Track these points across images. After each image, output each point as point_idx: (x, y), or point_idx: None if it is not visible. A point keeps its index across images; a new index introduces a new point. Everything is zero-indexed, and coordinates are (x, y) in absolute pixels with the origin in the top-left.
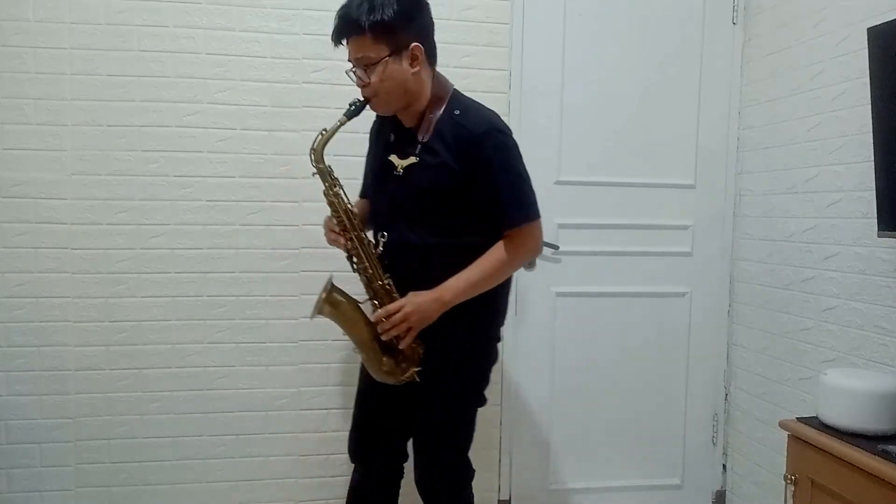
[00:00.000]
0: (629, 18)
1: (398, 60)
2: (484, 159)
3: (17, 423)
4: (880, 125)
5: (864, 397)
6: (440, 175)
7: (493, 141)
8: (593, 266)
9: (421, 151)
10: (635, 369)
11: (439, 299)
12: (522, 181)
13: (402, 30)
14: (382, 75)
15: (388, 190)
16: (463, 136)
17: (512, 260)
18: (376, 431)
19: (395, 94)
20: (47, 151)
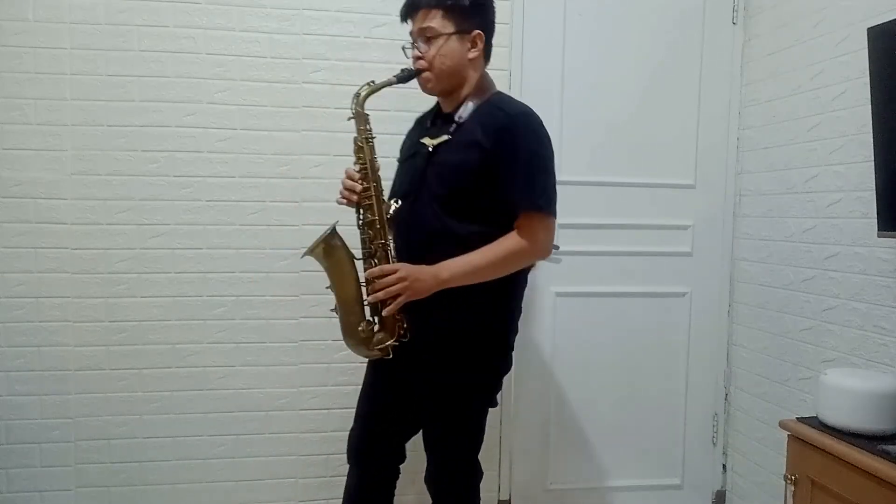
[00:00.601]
0: (629, 18)
1: (460, 41)
2: (514, 139)
3: (17, 423)
4: (880, 125)
5: (864, 397)
6: (469, 153)
7: (527, 124)
8: (593, 266)
9: (455, 130)
10: (635, 369)
11: (436, 276)
12: (547, 173)
13: (472, 16)
14: (441, 49)
15: (416, 167)
16: (498, 116)
17: (519, 252)
18: (380, 432)
19: (447, 72)
20: (47, 151)
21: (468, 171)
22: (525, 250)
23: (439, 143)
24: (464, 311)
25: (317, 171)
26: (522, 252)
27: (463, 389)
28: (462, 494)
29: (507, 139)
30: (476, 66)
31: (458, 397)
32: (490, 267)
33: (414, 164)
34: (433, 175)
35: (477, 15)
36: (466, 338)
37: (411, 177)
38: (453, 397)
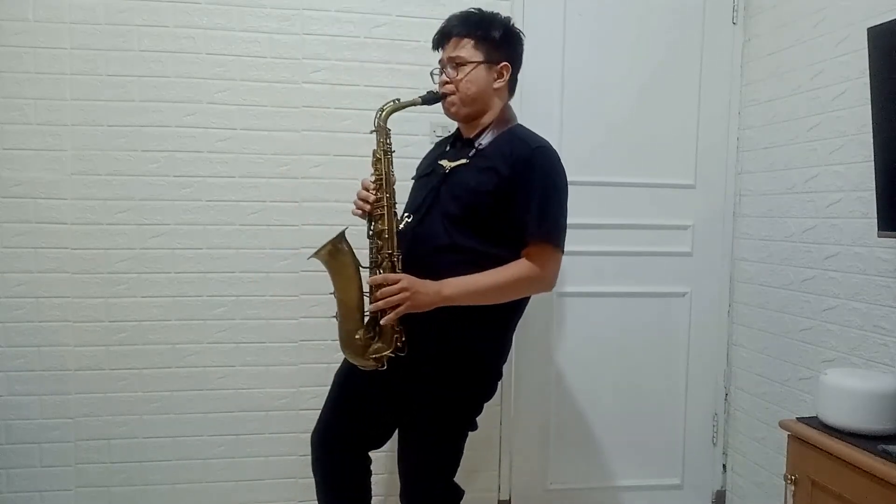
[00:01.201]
0: (629, 18)
1: (487, 70)
2: (532, 170)
3: (17, 423)
4: (880, 125)
5: (864, 397)
6: (486, 176)
7: (546, 157)
8: (593, 266)
9: (474, 155)
10: (635, 369)
11: (439, 291)
12: (559, 206)
13: (501, 48)
14: (469, 76)
15: (430, 186)
16: (517, 146)
17: (525, 280)
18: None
19: (472, 98)
20: (47, 151)
21: (483, 193)
22: (531, 278)
23: (457, 165)
24: (460, 332)
25: (317, 171)
26: (528, 280)
27: (446, 407)
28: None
29: (525, 169)
30: (500, 96)
31: (440, 414)
32: (494, 290)
33: (429, 182)
34: (447, 194)
35: (506, 47)
36: (457, 358)
37: (425, 194)
38: (436, 414)
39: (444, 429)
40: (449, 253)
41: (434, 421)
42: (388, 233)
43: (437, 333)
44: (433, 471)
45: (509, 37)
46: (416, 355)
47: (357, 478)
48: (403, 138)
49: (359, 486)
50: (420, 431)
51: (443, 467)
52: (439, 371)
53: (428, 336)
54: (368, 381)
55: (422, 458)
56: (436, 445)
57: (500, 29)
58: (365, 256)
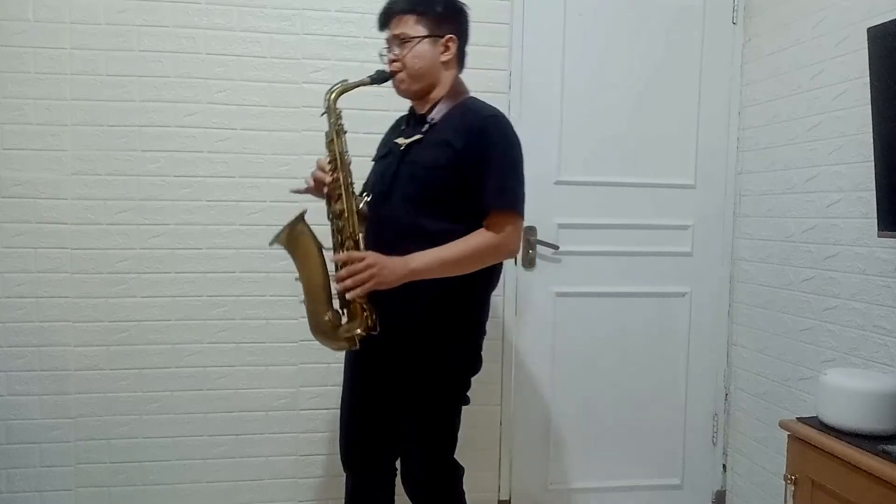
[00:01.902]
0: (629, 18)
1: (432, 44)
2: (484, 139)
3: (17, 423)
4: (880, 125)
5: (864, 397)
6: (440, 151)
7: (499, 125)
8: (593, 266)
9: (427, 131)
10: (635, 369)
11: (405, 265)
12: (515, 173)
13: (444, 21)
14: (414, 52)
15: (388, 167)
16: (469, 118)
17: (487, 248)
18: (366, 437)
19: (420, 74)
20: (47, 151)
21: (438, 168)
22: (493, 247)
23: (411, 141)
24: (438, 310)
25: None
26: (491, 248)
27: (436, 385)
28: (443, 494)
29: (478, 140)
30: (449, 70)
31: (431, 393)
32: (459, 261)
33: (387, 162)
34: (405, 174)
35: (449, 21)
36: (435, 331)
37: (383, 175)
38: (427, 393)
39: (438, 408)
40: (414, 234)
41: (427, 402)
42: (348, 212)
43: (415, 315)
44: (431, 450)
45: (452, 9)
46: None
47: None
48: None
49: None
50: (415, 414)
51: (440, 445)
52: (424, 352)
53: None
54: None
55: (419, 439)
56: (431, 425)
57: (442, 2)
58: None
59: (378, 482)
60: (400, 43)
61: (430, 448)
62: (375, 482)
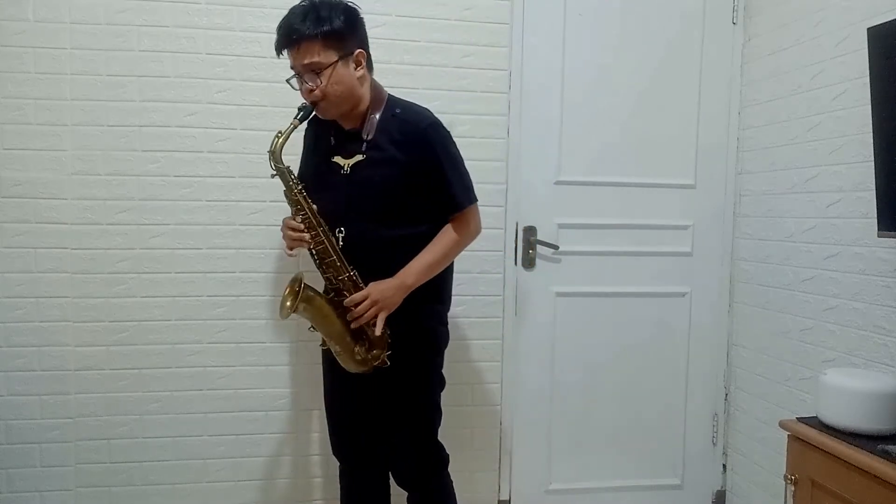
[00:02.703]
0: (629, 18)
1: (346, 65)
2: (430, 150)
3: (17, 423)
4: (880, 125)
5: (864, 397)
6: (388, 168)
7: (437, 133)
8: (593, 266)
9: (367, 149)
10: (635, 369)
11: (402, 284)
12: (462, 168)
13: (349, 37)
14: (332, 79)
15: (337, 189)
16: (408, 130)
17: (461, 240)
18: (354, 428)
19: (343, 97)
20: (47, 151)
21: (390, 184)
22: (464, 239)
23: (355, 162)
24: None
25: None
26: (462, 241)
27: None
28: (430, 477)
29: (423, 151)
30: (365, 82)
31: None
32: (441, 260)
33: (332, 182)
34: (358, 194)
35: (352, 34)
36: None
37: (334, 198)
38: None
39: (413, 386)
40: (382, 246)
41: (403, 382)
42: (339, 260)
43: None
44: (414, 431)
45: (352, 20)
46: None
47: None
48: None
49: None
50: (393, 397)
51: (422, 425)
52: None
53: None
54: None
55: (400, 420)
56: (411, 405)
57: (341, 16)
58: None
59: (372, 476)
60: (314, 73)
61: (414, 427)
62: (370, 476)
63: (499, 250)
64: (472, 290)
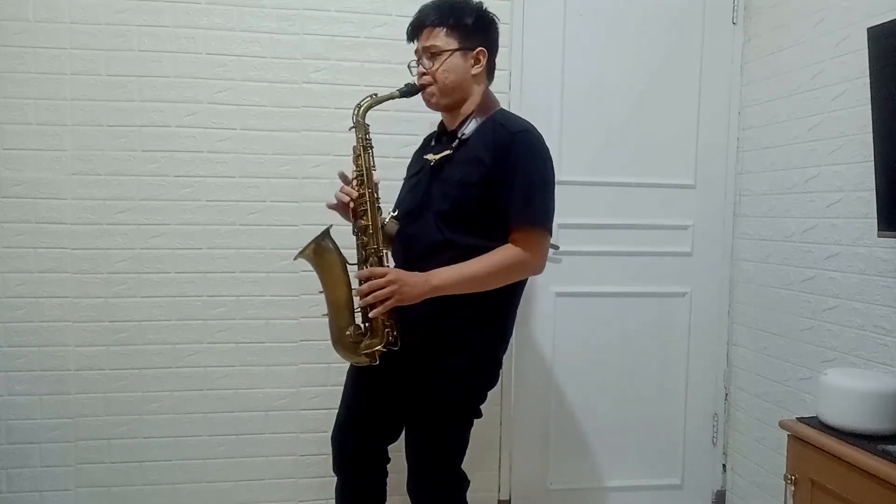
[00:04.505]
0: (629, 18)
1: (463, 57)
2: (512, 155)
3: (17, 423)
4: (880, 125)
5: (864, 397)
6: (470, 168)
7: (527, 140)
8: (593, 266)
9: (457, 147)
10: (635, 369)
11: (427, 281)
12: (544, 189)
13: (475, 34)
14: (445, 65)
15: (420, 183)
16: (500, 133)
17: (512, 264)
18: (361, 439)
19: (451, 88)
20: (47, 151)
21: (469, 185)
22: (518, 263)
23: (442, 157)
24: (457, 322)
25: (317, 171)
26: (515, 264)
27: (454, 399)
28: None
29: (508, 155)
30: (479, 83)
31: (447, 407)
32: (482, 276)
33: (418, 180)
34: (436, 191)
35: (480, 33)
36: (457, 348)
37: (415, 193)
38: (444, 406)
39: (452, 420)
40: (443, 250)
41: (442, 413)
42: (373, 228)
43: (442, 328)
44: (441, 461)
45: (483, 22)
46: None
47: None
48: (403, 138)
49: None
50: (429, 424)
51: (450, 456)
52: (446, 365)
53: (433, 332)
54: (379, 379)
55: (430, 448)
56: (444, 436)
57: (473, 15)
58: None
59: (370, 481)
60: (430, 56)
61: (441, 457)
62: (367, 481)
63: None
64: None
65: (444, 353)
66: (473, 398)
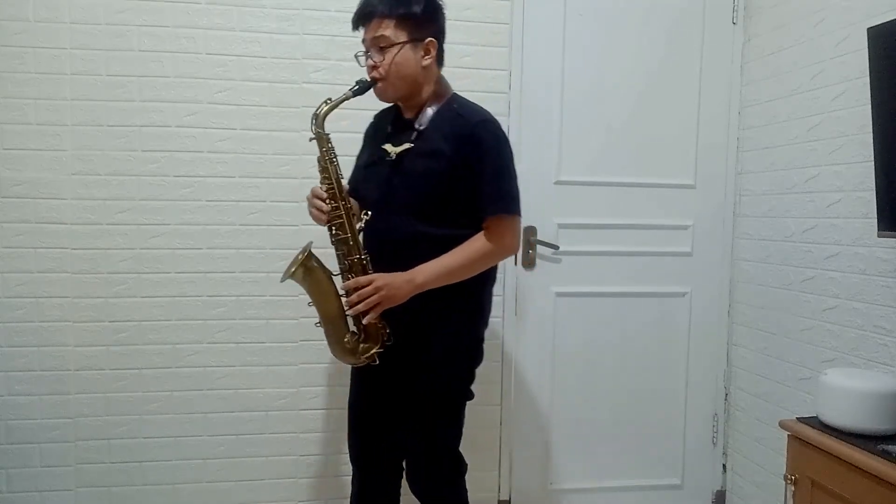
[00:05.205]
0: (629, 18)
1: (413, 49)
2: (476, 146)
3: (17, 423)
4: (880, 125)
5: (864, 397)
6: (433, 160)
7: (489, 130)
8: (593, 266)
9: (416, 138)
10: (635, 369)
11: (411, 280)
12: (509, 175)
13: (424, 24)
14: (396, 58)
15: (380, 176)
16: (459, 124)
17: (488, 252)
18: (374, 436)
19: (403, 81)
20: (47, 151)
21: (434, 178)
22: (494, 251)
23: (402, 150)
24: (431, 315)
25: (317, 171)
26: (492, 253)
27: (444, 386)
28: (446, 488)
29: (470, 148)
30: (430, 73)
31: (439, 393)
32: (462, 268)
33: (377, 171)
34: (400, 184)
35: (429, 23)
36: (434, 341)
37: (377, 185)
38: (431, 390)
39: (440, 414)
40: (415, 243)
41: (429, 407)
42: (352, 238)
43: (420, 321)
44: (439, 447)
45: (431, 10)
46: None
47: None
48: None
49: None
50: (418, 419)
51: (447, 442)
52: (427, 358)
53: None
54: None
55: (422, 443)
56: (433, 430)
57: (421, 3)
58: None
59: (386, 477)
60: (379, 49)
61: (436, 441)
62: (384, 477)
63: None
64: None
65: (423, 347)
66: (457, 387)
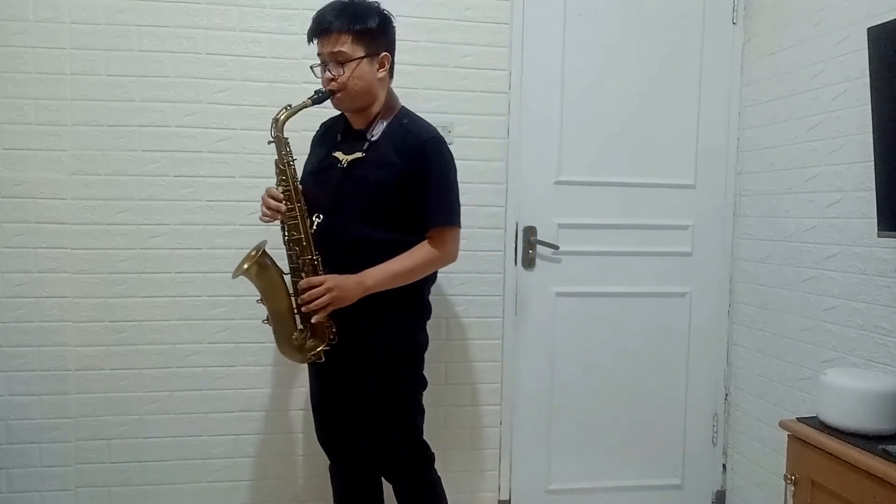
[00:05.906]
0: (629, 18)
1: (370, 63)
2: (425, 162)
3: (17, 423)
4: (880, 125)
5: (864, 397)
6: (384, 171)
7: (437, 148)
8: (593, 266)
9: (368, 148)
10: (635, 369)
11: (361, 283)
12: (453, 190)
13: (378, 39)
14: (354, 73)
15: (331, 181)
16: (410, 140)
17: (432, 261)
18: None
19: (360, 93)
20: (47, 151)
21: (385, 187)
22: (437, 258)
23: (353, 159)
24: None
25: None
26: (435, 260)
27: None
28: (415, 475)
29: (420, 162)
30: (384, 85)
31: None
32: (407, 273)
33: (328, 176)
34: (351, 190)
35: (383, 37)
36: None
37: (329, 191)
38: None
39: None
40: (363, 247)
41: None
42: (305, 239)
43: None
44: (398, 444)
45: (384, 25)
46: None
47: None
48: None
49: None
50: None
51: (407, 436)
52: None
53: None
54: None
55: (384, 436)
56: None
57: (376, 18)
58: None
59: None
60: (337, 63)
61: (392, 439)
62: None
63: (499, 250)
64: (472, 290)
65: (367, 348)
66: (408, 388)
